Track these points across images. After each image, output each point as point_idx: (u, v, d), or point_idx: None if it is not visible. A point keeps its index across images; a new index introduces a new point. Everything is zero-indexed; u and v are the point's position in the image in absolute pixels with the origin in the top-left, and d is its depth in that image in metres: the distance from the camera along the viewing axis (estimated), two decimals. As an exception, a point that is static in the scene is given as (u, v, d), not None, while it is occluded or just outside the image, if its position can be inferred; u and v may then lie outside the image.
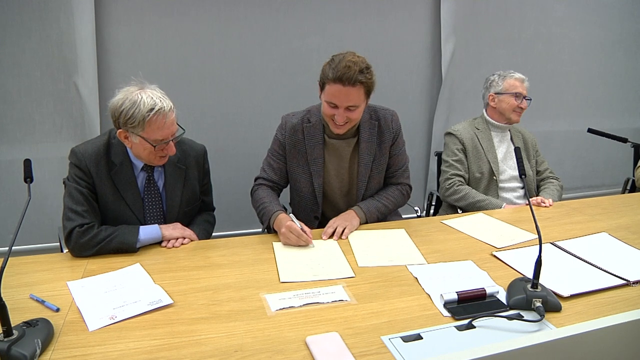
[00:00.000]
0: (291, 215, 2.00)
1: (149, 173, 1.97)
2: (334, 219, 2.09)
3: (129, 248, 1.80)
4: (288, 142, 2.21)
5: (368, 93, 2.03)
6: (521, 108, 2.69)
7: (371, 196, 2.28)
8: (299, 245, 1.90)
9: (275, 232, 2.01)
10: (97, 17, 2.95)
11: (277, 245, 1.90)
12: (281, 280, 1.61)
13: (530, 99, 2.70)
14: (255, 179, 2.31)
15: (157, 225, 1.92)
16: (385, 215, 2.27)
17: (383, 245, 1.92)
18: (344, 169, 2.24)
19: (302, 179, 2.25)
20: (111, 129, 1.94)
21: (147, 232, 1.87)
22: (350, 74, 1.91)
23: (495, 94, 2.71)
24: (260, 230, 2.28)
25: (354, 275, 1.65)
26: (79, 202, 1.84)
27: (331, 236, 1.99)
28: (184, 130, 1.92)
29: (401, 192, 2.33)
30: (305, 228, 1.93)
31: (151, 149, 1.83)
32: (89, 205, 1.86)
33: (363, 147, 2.21)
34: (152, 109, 1.76)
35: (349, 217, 2.11)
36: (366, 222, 2.16)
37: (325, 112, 2.06)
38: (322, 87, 2.05)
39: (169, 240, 1.90)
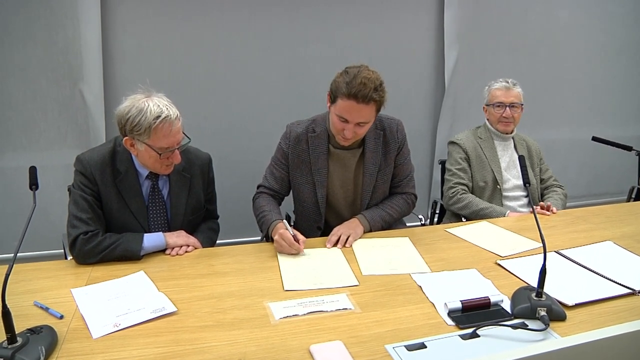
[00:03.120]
0: (284, 222, 1.98)
1: (154, 181, 1.98)
2: (337, 227, 2.08)
3: (133, 255, 1.81)
4: (292, 152, 2.21)
5: (379, 109, 2.02)
6: (505, 117, 2.65)
7: (376, 205, 2.27)
8: (291, 254, 1.88)
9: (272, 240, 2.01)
10: (102, 24, 2.98)
11: (281, 256, 1.89)
12: (285, 289, 1.60)
13: (522, 104, 2.65)
14: (258, 187, 2.31)
15: (161, 233, 1.92)
16: (389, 224, 2.27)
17: (387, 253, 1.92)
18: (348, 179, 2.23)
19: (306, 189, 2.24)
20: (117, 136, 1.95)
21: (151, 239, 1.87)
22: (365, 91, 1.89)
23: (486, 105, 2.72)
24: (259, 238, 2.27)
25: (358, 283, 1.65)
26: (84, 209, 1.84)
27: (335, 244, 1.99)
28: (189, 139, 1.93)
29: (406, 201, 2.32)
30: (299, 236, 1.92)
31: (157, 156, 1.84)
32: (93, 212, 1.86)
33: (368, 157, 2.20)
34: (158, 117, 1.77)
35: (352, 226, 2.10)
36: (370, 231, 2.16)
37: (335, 125, 2.04)
38: (333, 100, 2.01)
39: (173, 248, 1.91)
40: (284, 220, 1.99)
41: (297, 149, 2.20)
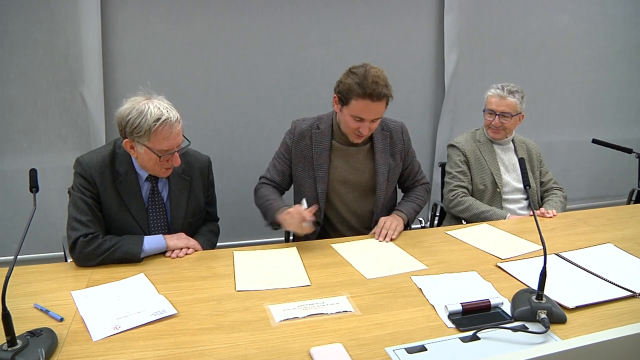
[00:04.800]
0: (304, 200, 2.01)
1: (153, 184, 1.98)
2: (384, 221, 2.14)
3: (133, 258, 1.80)
4: (295, 147, 2.25)
5: (388, 103, 2.08)
6: (494, 125, 2.63)
7: (405, 198, 2.39)
8: (303, 231, 1.93)
9: (277, 227, 2.09)
10: (103, 28, 2.98)
11: (238, 255, 1.90)
12: (237, 289, 1.61)
13: (517, 114, 2.60)
14: (260, 178, 2.35)
15: (161, 235, 1.92)
16: (417, 213, 2.37)
17: (379, 255, 1.92)
18: (351, 174, 2.26)
19: (307, 183, 2.26)
20: (117, 138, 1.95)
21: (151, 242, 1.87)
22: (379, 89, 1.97)
23: (483, 110, 2.71)
24: (262, 240, 2.28)
25: (309, 283, 1.66)
26: (84, 211, 1.84)
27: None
28: (189, 142, 1.93)
29: (426, 189, 2.47)
30: (312, 208, 1.96)
31: (156, 159, 1.84)
32: (93, 215, 1.86)
33: (379, 158, 2.26)
34: (158, 119, 1.77)
35: (396, 221, 2.17)
36: (407, 224, 2.26)
37: (350, 125, 2.09)
38: (344, 102, 2.06)
39: (173, 251, 1.90)
40: (304, 200, 2.03)
41: (300, 145, 2.24)
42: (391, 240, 2.07)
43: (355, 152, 2.25)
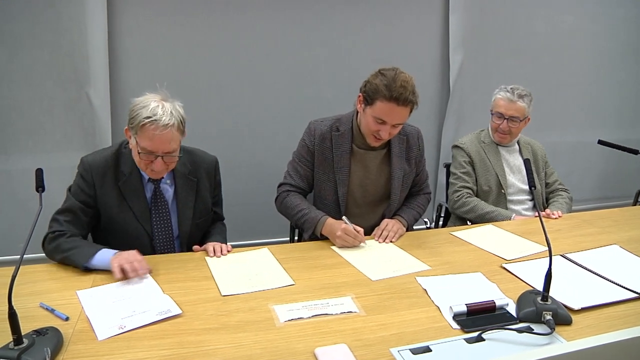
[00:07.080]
0: (344, 218, 2.05)
1: (156, 184, 1.97)
2: (386, 223, 2.15)
3: (77, 267, 1.73)
4: (317, 149, 2.22)
5: (412, 111, 2.06)
6: (502, 129, 2.61)
7: (406, 205, 2.35)
8: (354, 246, 1.99)
9: (320, 237, 2.09)
10: (109, 28, 2.99)
11: (211, 261, 1.86)
12: (223, 294, 1.58)
13: (525, 118, 2.59)
14: (280, 185, 2.31)
15: (111, 255, 1.74)
16: (416, 222, 2.37)
17: (380, 256, 1.92)
18: (368, 179, 2.25)
19: (327, 186, 2.25)
20: (124, 139, 1.95)
21: (100, 259, 1.73)
22: (406, 94, 1.96)
23: (490, 111, 2.69)
24: (267, 241, 2.27)
25: (293, 282, 1.66)
26: (67, 211, 1.88)
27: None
28: (180, 155, 1.89)
29: (427, 199, 2.45)
30: (358, 228, 2.01)
31: (138, 155, 1.83)
32: (74, 217, 1.88)
33: (395, 162, 2.24)
34: (148, 117, 1.75)
35: (398, 224, 2.18)
36: (407, 230, 2.24)
37: (371, 127, 2.06)
38: (368, 102, 2.04)
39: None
40: (344, 217, 2.07)
41: (321, 147, 2.22)
42: (390, 242, 2.08)
43: (373, 156, 2.23)
